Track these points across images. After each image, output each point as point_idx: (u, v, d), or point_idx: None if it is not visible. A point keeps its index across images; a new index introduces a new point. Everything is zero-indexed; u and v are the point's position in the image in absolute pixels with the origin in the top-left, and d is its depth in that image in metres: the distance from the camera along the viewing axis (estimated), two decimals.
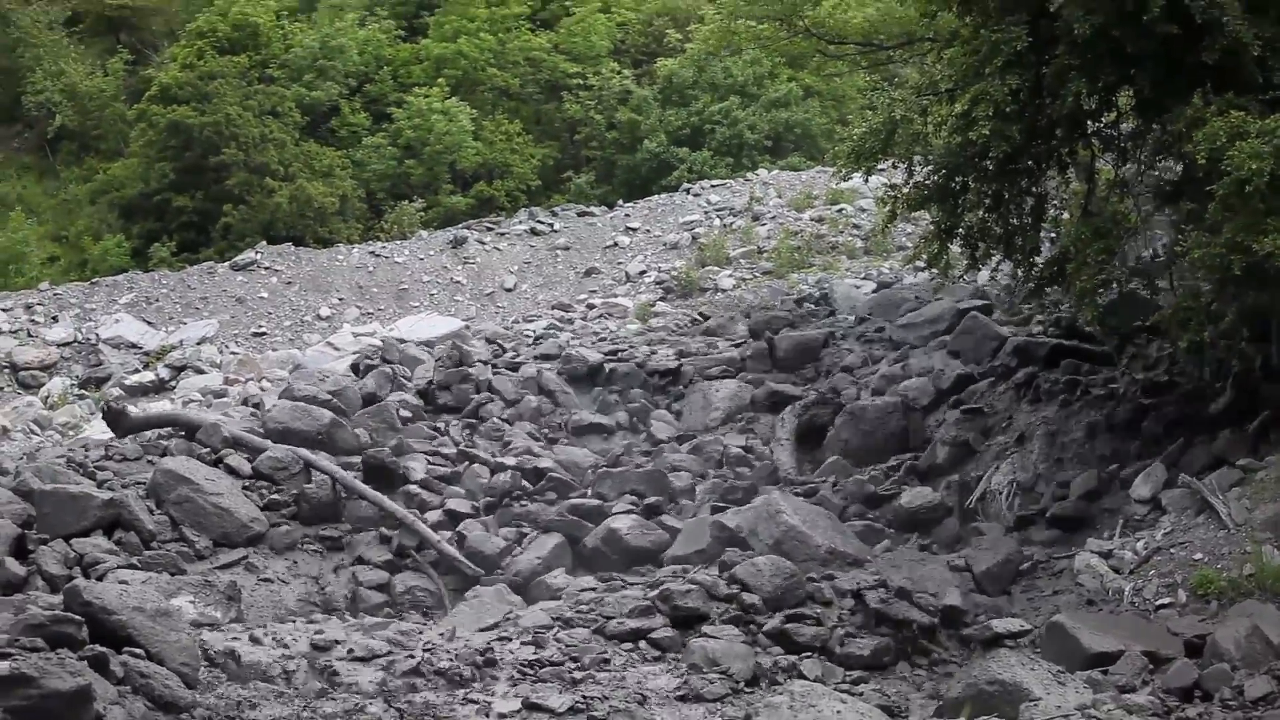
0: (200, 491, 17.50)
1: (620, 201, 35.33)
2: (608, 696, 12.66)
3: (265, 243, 32.90)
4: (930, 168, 18.85)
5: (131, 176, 40.32)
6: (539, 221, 32.70)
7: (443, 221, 36.88)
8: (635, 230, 31.80)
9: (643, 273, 29.44)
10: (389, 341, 23.94)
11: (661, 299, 27.85)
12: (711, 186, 34.41)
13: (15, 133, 46.10)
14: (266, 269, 30.62)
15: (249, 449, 18.85)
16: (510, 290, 29.82)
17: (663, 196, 34.57)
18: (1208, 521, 15.25)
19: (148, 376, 26.48)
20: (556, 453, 20.30)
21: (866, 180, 23.71)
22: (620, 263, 30.31)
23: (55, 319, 28.85)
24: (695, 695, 12.90)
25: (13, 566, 15.75)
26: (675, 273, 28.67)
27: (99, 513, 16.90)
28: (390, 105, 42.18)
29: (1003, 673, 12.56)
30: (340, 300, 29.56)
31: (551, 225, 32.42)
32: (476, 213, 37.97)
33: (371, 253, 31.50)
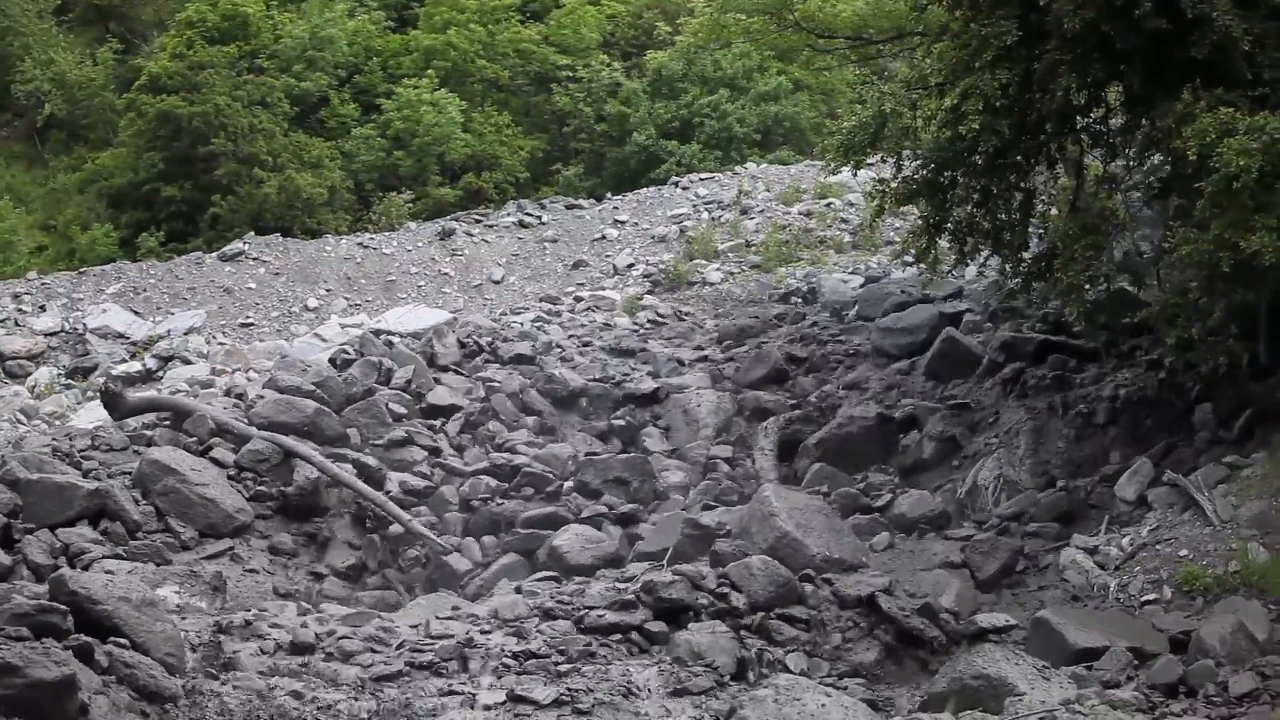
0: (186, 482, 17.49)
1: (609, 194, 35.21)
2: (592, 689, 12.64)
3: (253, 233, 32.74)
4: (919, 162, 18.87)
5: (120, 166, 40.23)
6: (527, 214, 32.62)
7: (431, 213, 36.77)
8: (623, 223, 31.73)
9: (631, 266, 29.38)
10: (367, 337, 23.91)
11: (649, 292, 27.79)
12: (700, 180, 34.34)
13: (4, 121, 45.88)
14: (254, 260, 30.52)
15: (237, 437, 18.83)
16: (498, 282, 29.74)
17: (651, 190, 34.49)
18: (1193, 518, 15.28)
19: (135, 366, 26.36)
20: (534, 449, 20.22)
21: (855, 174, 23.77)
22: (608, 255, 30.24)
23: (43, 308, 28.72)
24: (680, 688, 12.89)
25: None
26: (663, 266, 28.61)
27: (85, 502, 16.92)
28: (379, 96, 42.09)
29: (988, 667, 12.57)
30: (328, 291, 29.48)
31: (540, 218, 32.33)
32: (465, 204, 37.84)
33: (360, 244, 31.40)
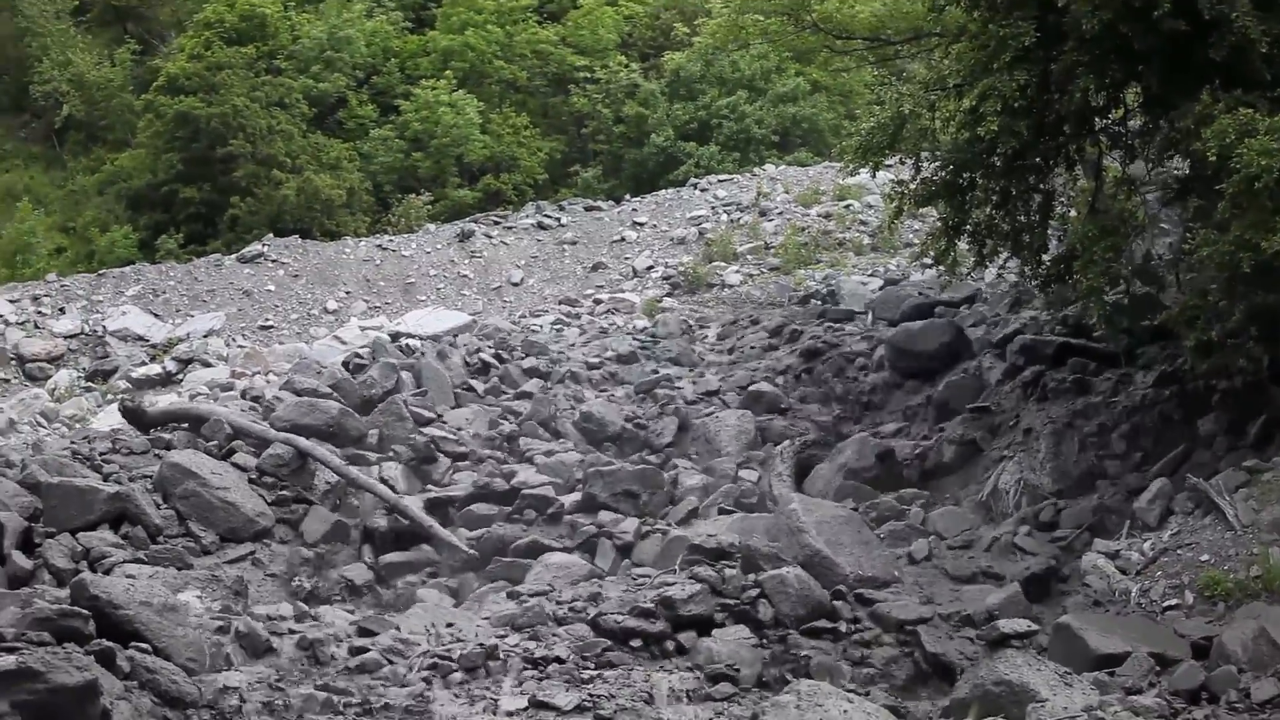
0: (207, 486, 17.50)
1: (627, 196, 35.20)
2: (614, 695, 12.65)
3: (272, 235, 32.77)
4: (938, 164, 18.83)
5: (139, 167, 40.26)
6: (546, 215, 32.62)
7: (450, 215, 36.77)
8: (642, 225, 31.72)
9: (650, 268, 29.36)
10: (379, 341, 24.01)
11: (669, 294, 27.78)
12: (719, 182, 34.31)
13: (23, 122, 46.06)
14: (273, 262, 30.55)
15: (257, 440, 18.88)
16: (517, 285, 29.73)
17: (669, 191, 34.45)
18: (1215, 523, 15.21)
19: (154, 369, 26.42)
20: (539, 462, 20.00)
21: (874, 176, 23.69)
22: (627, 258, 30.23)
23: (62, 310, 28.77)
24: (702, 694, 12.88)
25: (19, 560, 15.77)
26: (682, 268, 28.59)
27: (105, 506, 16.91)
28: (397, 97, 42.09)
29: (1009, 673, 12.54)
30: (347, 293, 29.50)
31: (558, 219, 32.33)
32: (483, 206, 37.87)
33: (378, 246, 31.41)
